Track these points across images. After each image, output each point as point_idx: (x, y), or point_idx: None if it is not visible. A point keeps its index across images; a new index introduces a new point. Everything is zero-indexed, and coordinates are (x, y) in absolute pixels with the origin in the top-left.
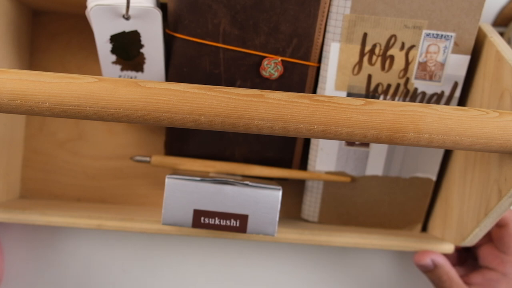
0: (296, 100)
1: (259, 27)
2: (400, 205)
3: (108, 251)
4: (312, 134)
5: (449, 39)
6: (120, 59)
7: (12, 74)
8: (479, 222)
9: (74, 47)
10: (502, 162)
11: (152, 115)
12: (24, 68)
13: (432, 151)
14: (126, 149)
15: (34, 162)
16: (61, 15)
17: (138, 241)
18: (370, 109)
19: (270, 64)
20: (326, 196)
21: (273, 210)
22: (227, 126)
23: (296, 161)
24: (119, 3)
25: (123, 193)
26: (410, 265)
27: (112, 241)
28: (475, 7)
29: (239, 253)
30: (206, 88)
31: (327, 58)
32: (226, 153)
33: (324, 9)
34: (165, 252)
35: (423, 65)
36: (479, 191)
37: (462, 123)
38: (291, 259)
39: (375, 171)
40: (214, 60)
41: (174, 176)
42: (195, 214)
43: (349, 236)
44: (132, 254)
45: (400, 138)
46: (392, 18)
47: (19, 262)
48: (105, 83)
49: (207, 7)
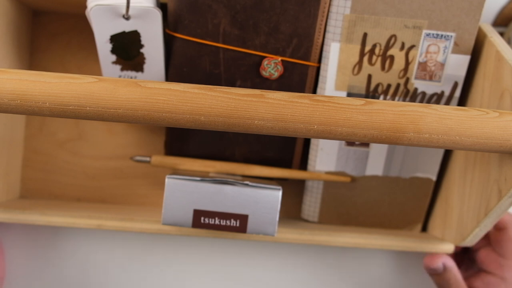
0: (296, 100)
1: (259, 27)
2: (400, 205)
3: (108, 251)
4: (312, 134)
5: (449, 39)
6: (120, 59)
7: (12, 74)
8: (479, 222)
9: (74, 47)
10: (502, 162)
11: (152, 115)
12: (24, 68)
13: (432, 151)
14: (126, 149)
15: (34, 162)
16: (61, 15)
17: (138, 241)
18: (370, 109)
19: (270, 64)
20: (326, 196)
21: (273, 210)
22: (227, 126)
23: (296, 161)
24: (119, 3)
25: (123, 193)
26: (410, 265)
27: (112, 241)
28: (475, 7)
29: (239, 253)
30: (206, 88)
31: (327, 58)
32: (226, 153)
33: (324, 9)
34: (165, 252)
35: (423, 65)
36: (479, 191)
37: (462, 123)
38: (291, 259)
39: (375, 171)
40: (214, 60)
41: (174, 176)
42: (195, 214)
43: (349, 236)
44: (132, 254)
45: (400, 138)
46: (392, 18)
47: (19, 262)
48: (105, 83)
49: (207, 7)
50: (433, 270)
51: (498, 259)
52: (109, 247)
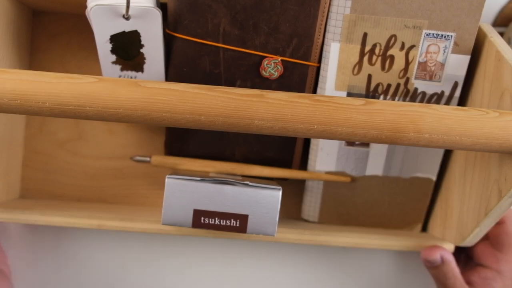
0: (296, 100)
1: (259, 27)
2: (400, 205)
3: (108, 251)
4: (312, 134)
5: (449, 39)
6: (120, 59)
7: (12, 74)
8: (479, 222)
9: (74, 47)
10: (502, 162)
11: (152, 115)
12: (24, 68)
13: (432, 151)
14: (126, 149)
15: (34, 162)
16: (61, 15)
17: (138, 241)
18: (370, 109)
19: (270, 64)
20: (326, 196)
21: (273, 210)
22: (227, 126)
23: (296, 161)
24: (119, 3)
25: (123, 193)
26: (410, 265)
27: (112, 241)
28: (475, 7)
29: (239, 253)
30: (206, 88)
31: (327, 58)
32: (226, 153)
33: (324, 9)
34: (165, 252)
35: (423, 65)
36: (479, 191)
37: (462, 123)
38: (291, 259)
39: (375, 171)
40: (214, 60)
41: (174, 176)
42: (195, 214)
43: (349, 236)
44: (132, 254)
45: (400, 138)
46: (392, 18)
47: (19, 262)
48: (105, 83)
49: (207, 7)
50: (430, 262)
51: (495, 253)
52: (109, 247)
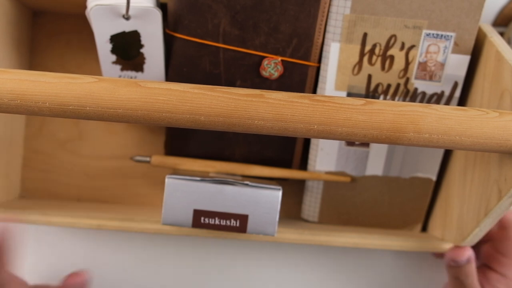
0: (296, 100)
1: (259, 27)
2: (400, 205)
3: (108, 251)
4: (312, 134)
5: (449, 39)
6: (120, 59)
7: (12, 74)
8: (479, 222)
9: (74, 47)
10: (502, 162)
11: (152, 115)
12: (24, 68)
13: (432, 151)
14: (126, 149)
15: (34, 162)
16: (61, 15)
17: (138, 241)
18: (370, 109)
19: (270, 64)
20: (326, 196)
21: (273, 210)
22: (227, 126)
23: (296, 161)
24: (119, 3)
25: (123, 193)
26: (410, 265)
27: (112, 241)
28: (475, 7)
29: (239, 253)
30: (206, 88)
31: (327, 58)
32: (226, 153)
33: (324, 9)
34: (165, 252)
35: (423, 65)
36: (479, 191)
37: (462, 123)
38: (291, 259)
39: (375, 171)
40: (214, 60)
41: (174, 176)
42: (195, 214)
43: (349, 236)
44: (132, 254)
45: (400, 138)
46: (392, 18)
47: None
48: (105, 83)
49: (207, 7)
50: (457, 262)
51: (498, 257)
52: (109, 247)
